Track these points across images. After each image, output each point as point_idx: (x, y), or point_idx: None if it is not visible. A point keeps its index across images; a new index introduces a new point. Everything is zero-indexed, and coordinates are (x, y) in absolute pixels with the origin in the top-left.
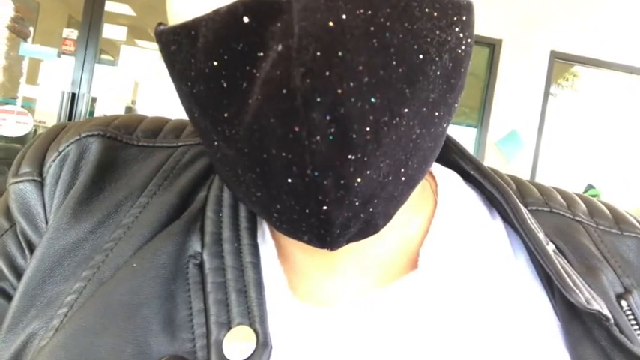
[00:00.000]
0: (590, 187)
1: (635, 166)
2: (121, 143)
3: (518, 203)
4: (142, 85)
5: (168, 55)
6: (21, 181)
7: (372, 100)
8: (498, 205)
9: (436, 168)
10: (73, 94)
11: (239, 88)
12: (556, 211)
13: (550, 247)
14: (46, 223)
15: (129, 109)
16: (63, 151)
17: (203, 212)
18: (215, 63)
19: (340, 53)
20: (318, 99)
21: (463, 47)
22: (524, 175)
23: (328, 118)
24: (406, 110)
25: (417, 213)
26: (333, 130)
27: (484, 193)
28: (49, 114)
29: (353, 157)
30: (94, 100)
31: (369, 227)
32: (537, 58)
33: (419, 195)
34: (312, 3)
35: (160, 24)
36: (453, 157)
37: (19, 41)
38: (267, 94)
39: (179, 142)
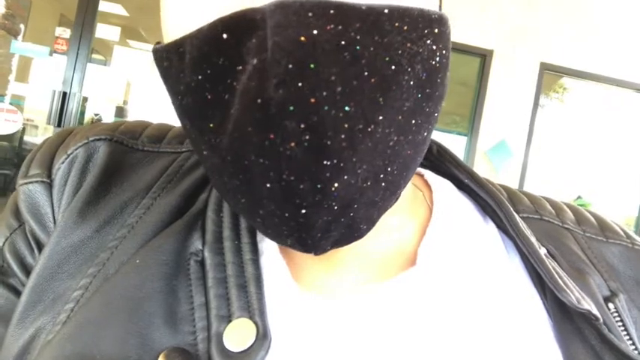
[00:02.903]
0: (579, 198)
1: (623, 178)
2: (127, 147)
3: (511, 209)
4: (133, 86)
5: (162, 71)
6: (30, 182)
7: (346, 108)
8: (491, 212)
9: (430, 177)
10: (64, 93)
11: (222, 99)
12: (546, 218)
13: (542, 251)
14: (54, 222)
15: (120, 109)
16: (71, 153)
17: (204, 212)
18: (200, 77)
19: (312, 65)
20: (291, 108)
21: (437, 58)
22: (513, 184)
23: (302, 126)
24: (381, 118)
25: (411, 218)
26: (307, 137)
27: (477, 201)
28: (39, 112)
29: (328, 163)
30: (85, 99)
31: (352, 231)
32: (527, 70)
33: (412, 202)
34: (284, 20)
35: (157, 43)
36: (447, 166)
37: (9, 38)
38: (245, 104)
39: (183, 148)
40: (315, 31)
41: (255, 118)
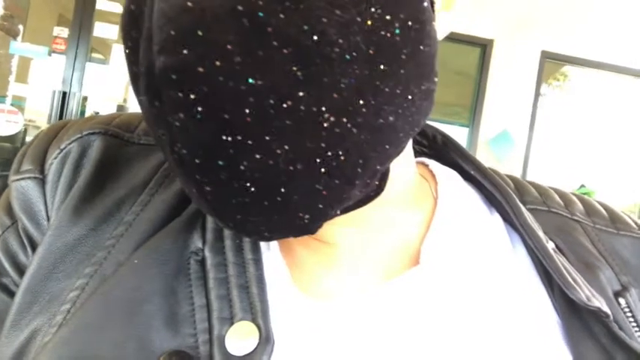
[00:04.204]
0: (582, 186)
1: (626, 165)
2: (123, 141)
3: (518, 202)
4: None
5: None
6: (22, 178)
7: (250, 80)
8: (498, 204)
9: (435, 167)
10: (64, 93)
11: (139, 72)
12: (554, 210)
13: (550, 245)
14: (48, 220)
15: (120, 107)
16: (65, 148)
17: None
18: (127, 51)
19: (199, 32)
20: (173, 76)
21: (396, 30)
22: (515, 174)
23: (192, 96)
24: (301, 94)
25: (416, 211)
26: (200, 108)
27: (483, 192)
28: (39, 113)
29: (230, 139)
30: (85, 99)
31: (291, 220)
32: (528, 58)
33: (417, 193)
34: None
35: None
36: (453, 156)
37: (8, 39)
38: (136, 72)
39: None
40: None
41: (142, 86)
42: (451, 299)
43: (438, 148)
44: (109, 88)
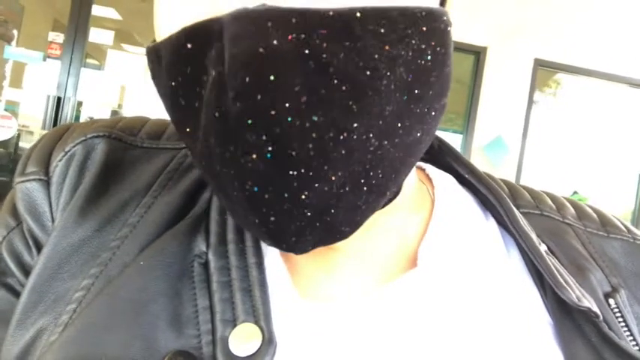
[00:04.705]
0: (575, 193)
1: (619, 172)
2: (126, 144)
3: (512, 205)
4: (128, 90)
5: (150, 71)
6: (27, 180)
7: (314, 118)
8: (492, 207)
9: (432, 171)
10: (59, 98)
11: (193, 106)
12: (546, 213)
13: (542, 248)
14: (52, 221)
15: (115, 113)
16: (69, 151)
17: (208, 213)
18: (173, 83)
19: (272, 77)
20: (250, 121)
21: (428, 57)
22: (509, 180)
23: (264, 137)
24: (355, 125)
25: (414, 214)
26: (270, 148)
27: (478, 195)
28: (33, 118)
29: (295, 173)
30: (79, 104)
31: (333, 233)
32: (521, 66)
33: (416, 197)
34: (242, 30)
35: (153, 41)
36: (448, 160)
37: (2, 44)
38: (208, 115)
39: (182, 144)
40: (275, 41)
41: (215, 129)
42: (447, 301)
43: (433, 153)
44: (104, 94)
